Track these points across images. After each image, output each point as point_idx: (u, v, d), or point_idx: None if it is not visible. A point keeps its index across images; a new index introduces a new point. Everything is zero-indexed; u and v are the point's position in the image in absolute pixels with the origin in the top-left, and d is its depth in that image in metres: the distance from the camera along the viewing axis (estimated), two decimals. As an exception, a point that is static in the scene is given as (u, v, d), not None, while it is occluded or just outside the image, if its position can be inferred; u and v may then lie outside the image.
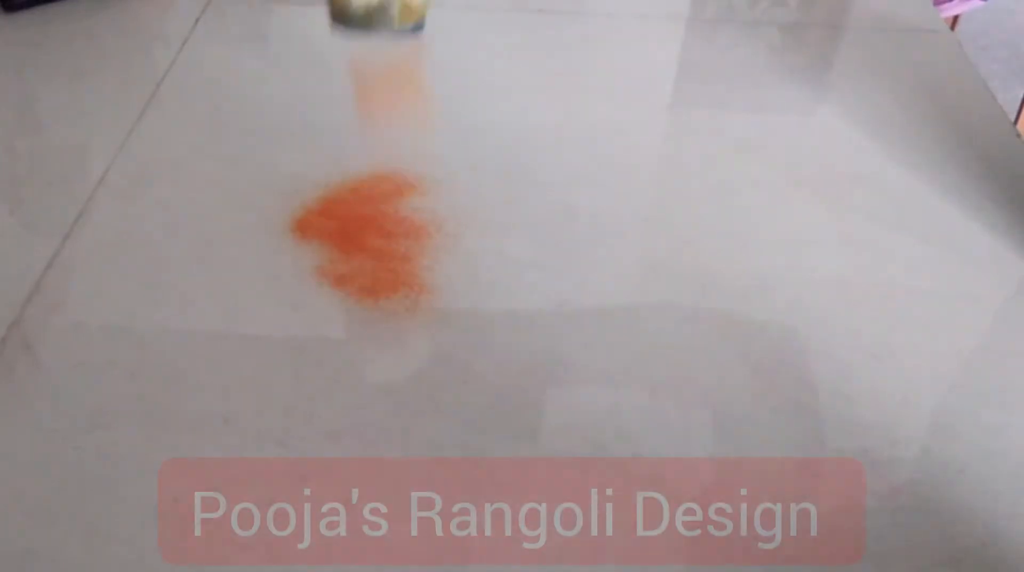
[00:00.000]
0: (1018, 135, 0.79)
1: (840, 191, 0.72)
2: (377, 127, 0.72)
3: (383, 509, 0.51)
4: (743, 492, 0.52)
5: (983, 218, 0.70)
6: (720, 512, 0.51)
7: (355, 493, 0.51)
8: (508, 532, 0.50)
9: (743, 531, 0.50)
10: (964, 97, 0.83)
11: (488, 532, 0.50)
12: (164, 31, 0.88)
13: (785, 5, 0.94)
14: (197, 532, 0.49)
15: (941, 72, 0.87)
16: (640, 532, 0.50)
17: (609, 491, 0.52)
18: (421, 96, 0.78)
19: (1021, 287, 0.64)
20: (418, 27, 0.63)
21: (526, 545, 0.49)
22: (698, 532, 0.50)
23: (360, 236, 0.66)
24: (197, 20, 0.89)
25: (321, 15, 0.90)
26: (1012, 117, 1.56)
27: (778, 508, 0.51)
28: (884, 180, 0.73)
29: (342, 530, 0.50)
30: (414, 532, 0.50)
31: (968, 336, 0.61)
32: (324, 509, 0.50)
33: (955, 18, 1.50)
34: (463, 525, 0.50)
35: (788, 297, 0.63)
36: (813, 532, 0.50)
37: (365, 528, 0.50)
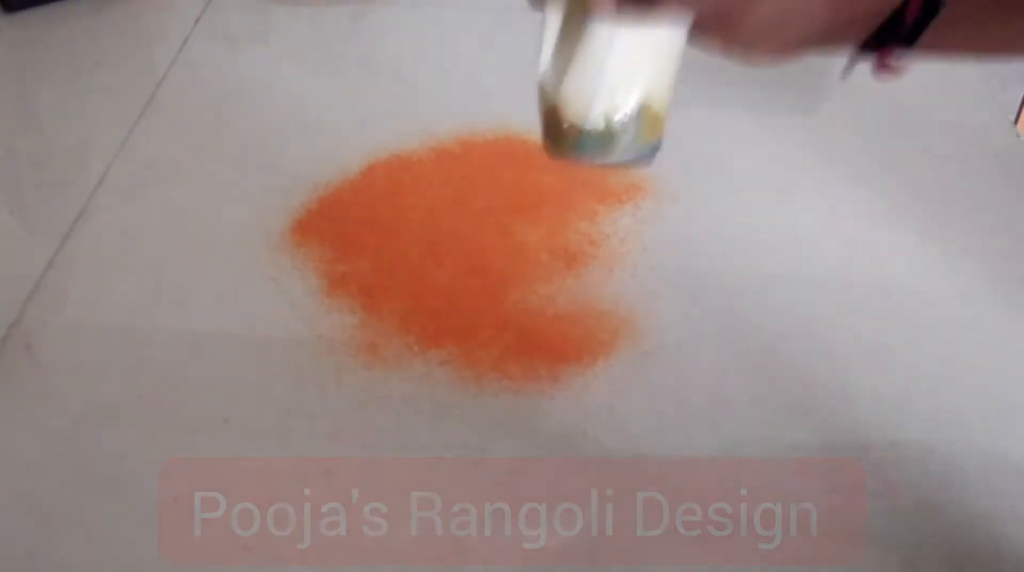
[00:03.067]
0: (1018, 135, 0.79)
1: (840, 191, 0.72)
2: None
3: (383, 509, 0.51)
4: (743, 492, 0.52)
5: (983, 218, 0.70)
6: (720, 512, 0.51)
7: (355, 493, 0.51)
8: (508, 532, 0.50)
9: (743, 531, 0.50)
10: (964, 97, 0.83)
11: (488, 532, 0.50)
12: (164, 31, 0.88)
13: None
14: (197, 532, 0.49)
15: (941, 72, 0.87)
16: (640, 532, 0.50)
17: (609, 491, 0.52)
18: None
19: (1021, 287, 0.64)
20: (654, 150, 0.45)
21: (526, 545, 0.49)
22: (698, 532, 0.50)
23: (359, 236, 0.66)
24: (197, 20, 0.89)
25: (321, 15, 0.90)
26: (1012, 117, 1.56)
27: (778, 508, 0.51)
28: (884, 179, 0.73)
29: (342, 530, 0.50)
30: (414, 532, 0.50)
31: (968, 336, 0.61)
32: (324, 509, 0.50)
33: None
34: (463, 525, 0.50)
35: (788, 297, 0.63)
36: (813, 532, 0.50)
37: (365, 528, 0.50)
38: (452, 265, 0.64)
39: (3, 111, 0.79)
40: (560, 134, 0.44)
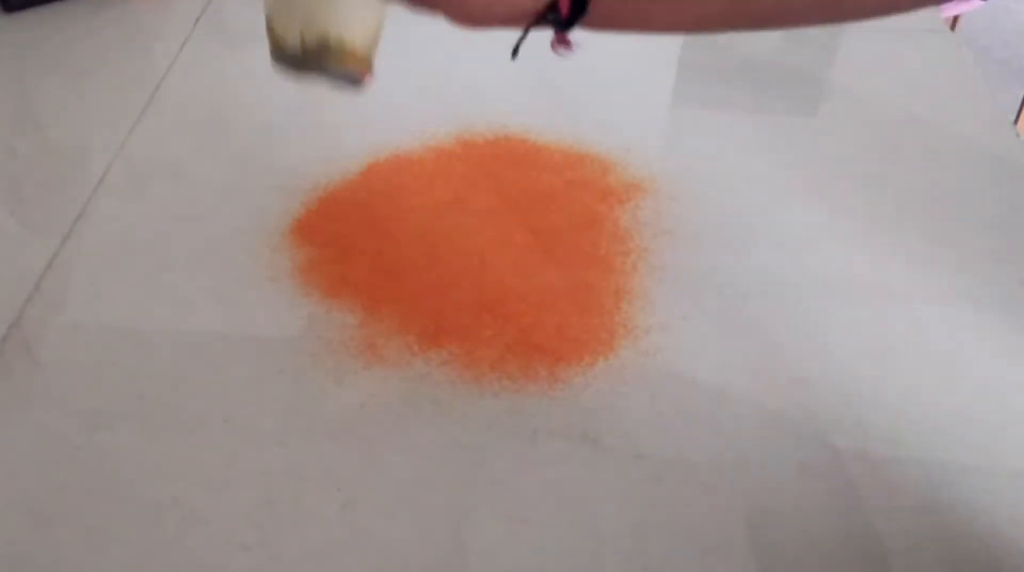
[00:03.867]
0: (1018, 135, 0.79)
1: (840, 191, 0.72)
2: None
3: (383, 509, 0.51)
4: (743, 492, 0.52)
5: (983, 218, 0.70)
6: (721, 512, 0.51)
7: (354, 493, 0.51)
8: (508, 532, 0.50)
9: (743, 531, 0.50)
10: (964, 97, 0.83)
11: (488, 532, 0.50)
12: (164, 31, 0.88)
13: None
14: (197, 532, 0.49)
15: (941, 72, 0.87)
16: (640, 532, 0.50)
17: (609, 491, 0.52)
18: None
19: (1021, 287, 0.64)
20: (354, 79, 0.51)
21: (526, 545, 0.49)
22: (698, 532, 0.50)
23: (359, 236, 0.66)
24: (197, 20, 0.89)
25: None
26: (1012, 117, 1.56)
27: (778, 508, 0.51)
28: (884, 180, 0.73)
29: (342, 530, 0.50)
30: (414, 532, 0.50)
31: (968, 336, 0.61)
32: (324, 509, 0.50)
33: (955, 18, 1.50)
34: (463, 525, 0.50)
35: (788, 297, 0.63)
36: (814, 533, 0.50)
37: (365, 528, 0.50)
38: (452, 265, 0.64)
39: (3, 111, 0.79)
40: (271, 48, 0.52)
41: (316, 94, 0.80)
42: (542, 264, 0.65)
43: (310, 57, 0.50)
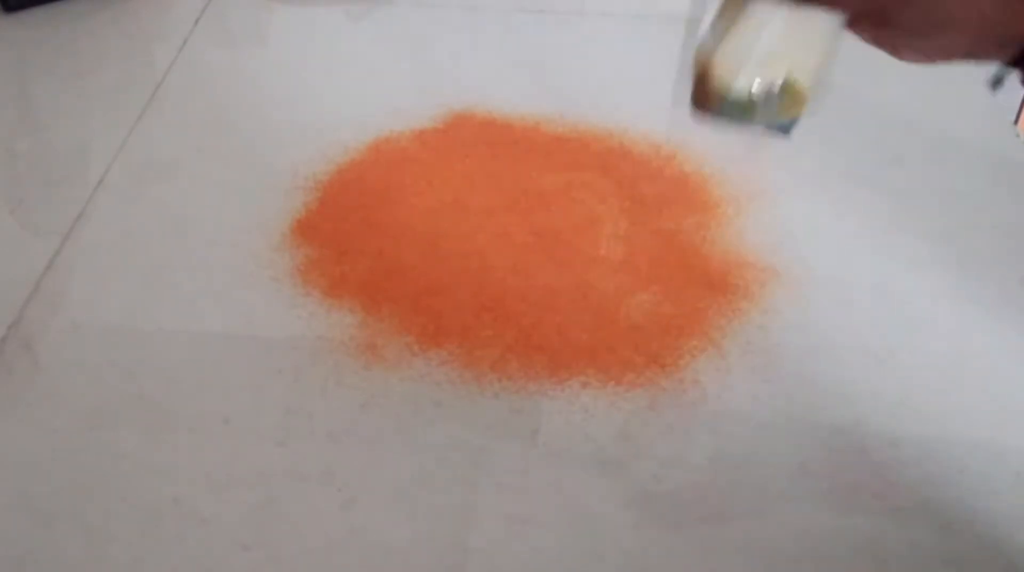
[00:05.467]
0: (1018, 135, 0.79)
1: (840, 191, 0.72)
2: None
3: (383, 509, 0.51)
4: (743, 492, 0.52)
5: (983, 218, 0.70)
6: (721, 512, 0.51)
7: (355, 493, 0.51)
8: (508, 532, 0.50)
9: (743, 531, 0.50)
10: (964, 97, 0.83)
11: (489, 532, 0.50)
12: (164, 31, 0.88)
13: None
14: (197, 531, 0.49)
15: (941, 72, 0.87)
16: (641, 532, 0.50)
17: (610, 491, 0.52)
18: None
19: (1021, 287, 0.64)
20: (791, 125, 0.48)
21: (527, 545, 0.49)
22: (699, 533, 0.50)
23: (359, 236, 0.66)
24: (197, 20, 0.89)
25: (321, 15, 0.90)
26: (1012, 117, 1.56)
27: (779, 509, 0.51)
28: (884, 180, 0.73)
29: (342, 530, 0.50)
30: (415, 532, 0.50)
31: (968, 336, 0.61)
32: (324, 509, 0.50)
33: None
34: (464, 525, 0.50)
35: (787, 297, 0.63)
36: (814, 533, 0.50)
37: (365, 528, 0.50)
38: (452, 265, 0.64)
39: (3, 111, 0.79)
40: (706, 97, 0.48)
41: (317, 94, 0.81)
42: (542, 264, 0.65)
43: (757, 105, 0.47)
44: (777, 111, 0.47)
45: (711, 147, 0.76)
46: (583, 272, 0.64)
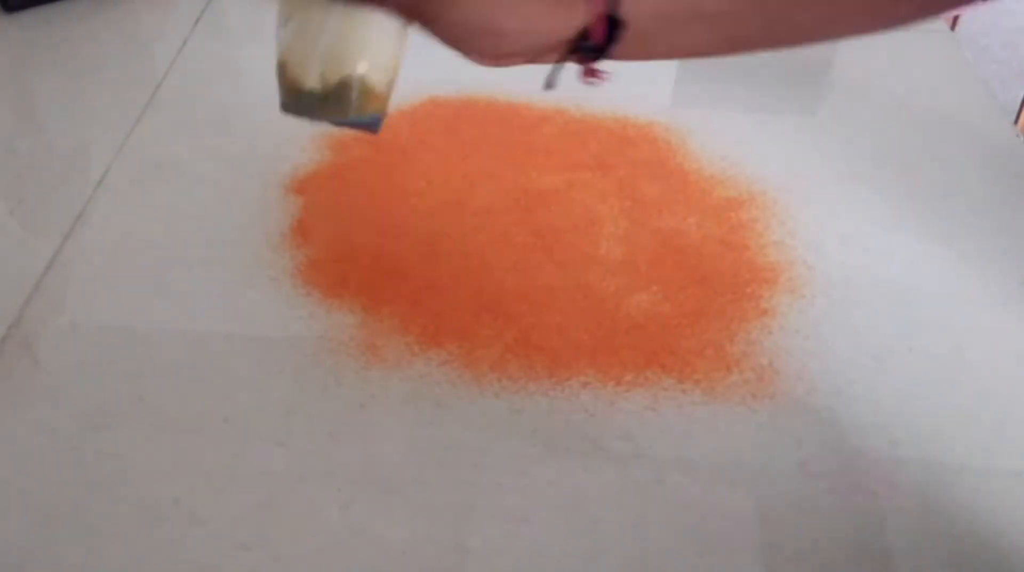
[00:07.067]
0: (1018, 135, 0.79)
1: (840, 191, 0.72)
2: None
3: (383, 509, 0.51)
4: (743, 492, 0.52)
5: (983, 218, 0.70)
6: (721, 513, 0.51)
7: (355, 493, 0.51)
8: (508, 532, 0.50)
9: (742, 531, 0.50)
10: (964, 97, 0.83)
11: (489, 532, 0.50)
12: (164, 31, 0.88)
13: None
14: (197, 532, 0.49)
15: (941, 72, 0.87)
16: (641, 531, 0.50)
17: (610, 491, 0.52)
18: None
19: (1021, 287, 0.65)
20: (375, 122, 0.48)
21: (527, 545, 0.49)
22: (700, 533, 0.50)
23: (359, 236, 0.66)
24: (197, 20, 0.89)
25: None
26: (1012, 117, 1.56)
27: (778, 510, 0.51)
28: (884, 180, 0.73)
29: (342, 531, 0.50)
30: (415, 533, 0.50)
31: (968, 336, 0.61)
32: (324, 509, 0.50)
33: (955, 18, 1.49)
34: (464, 525, 0.50)
35: (787, 297, 0.63)
36: (815, 533, 0.50)
37: (365, 528, 0.50)
38: (452, 265, 0.64)
39: (3, 111, 0.79)
40: (285, 91, 0.49)
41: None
42: (542, 264, 0.65)
43: (330, 100, 0.47)
44: (354, 106, 0.47)
45: (712, 147, 0.76)
46: (583, 272, 0.64)
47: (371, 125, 0.48)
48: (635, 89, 0.83)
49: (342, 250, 0.65)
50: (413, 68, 0.83)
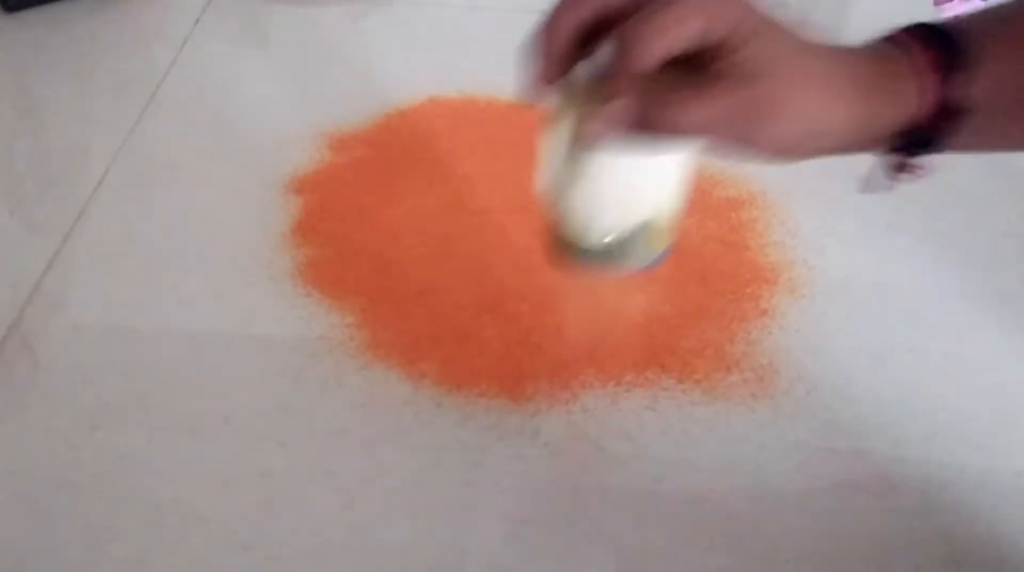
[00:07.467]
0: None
1: (840, 191, 0.72)
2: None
3: (383, 510, 0.51)
4: (743, 492, 0.52)
5: (983, 218, 0.70)
6: (720, 513, 0.51)
7: (355, 493, 0.51)
8: (508, 532, 0.50)
9: (743, 531, 0.50)
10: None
11: (489, 532, 0.50)
12: (164, 31, 0.88)
13: (786, 6, 0.94)
14: (197, 532, 0.49)
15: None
16: (641, 531, 0.50)
17: (610, 492, 0.52)
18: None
19: (1021, 287, 0.64)
20: (661, 258, 0.44)
21: (527, 545, 0.49)
22: (699, 533, 0.50)
23: (359, 236, 0.66)
24: (197, 20, 0.89)
25: (321, 15, 0.90)
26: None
27: (779, 510, 0.51)
28: (884, 180, 0.73)
29: (342, 531, 0.50)
30: (415, 533, 0.50)
31: (968, 336, 0.61)
32: (324, 509, 0.50)
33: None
34: (464, 525, 0.50)
35: (788, 297, 0.63)
36: (814, 533, 0.50)
37: (365, 529, 0.50)
38: (452, 265, 0.64)
39: (3, 111, 0.79)
40: (561, 248, 0.45)
41: (317, 93, 0.81)
42: (542, 264, 0.64)
43: (613, 255, 0.43)
44: (640, 251, 0.44)
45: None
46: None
47: (655, 262, 0.45)
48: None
49: (342, 250, 0.65)
50: (413, 68, 0.83)
